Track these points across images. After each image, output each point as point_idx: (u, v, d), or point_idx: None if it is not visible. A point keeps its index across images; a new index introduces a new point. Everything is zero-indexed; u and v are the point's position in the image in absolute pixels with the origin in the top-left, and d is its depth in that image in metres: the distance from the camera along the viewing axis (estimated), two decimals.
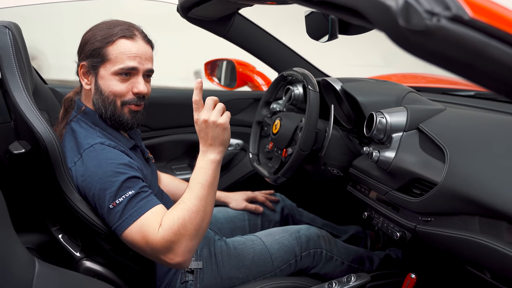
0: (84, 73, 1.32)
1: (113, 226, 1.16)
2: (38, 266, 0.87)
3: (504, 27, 0.54)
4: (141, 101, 1.33)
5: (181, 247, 1.13)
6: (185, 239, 1.13)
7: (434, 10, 0.53)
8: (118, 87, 1.28)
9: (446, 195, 1.08)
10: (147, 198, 1.18)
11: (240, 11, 1.76)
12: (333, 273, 1.53)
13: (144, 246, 1.13)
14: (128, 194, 1.16)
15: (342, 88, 1.53)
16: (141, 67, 1.29)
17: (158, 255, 1.13)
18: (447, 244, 1.12)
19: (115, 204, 1.15)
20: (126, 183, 1.17)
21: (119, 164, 1.20)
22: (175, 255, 1.13)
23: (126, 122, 1.32)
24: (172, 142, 2.14)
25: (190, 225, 1.14)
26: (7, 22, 1.26)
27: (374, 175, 1.36)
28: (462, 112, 1.36)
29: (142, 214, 1.14)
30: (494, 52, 0.54)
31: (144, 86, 1.31)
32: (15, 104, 1.19)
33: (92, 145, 1.23)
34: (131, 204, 1.15)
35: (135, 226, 1.14)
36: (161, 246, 1.12)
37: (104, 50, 1.27)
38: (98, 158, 1.20)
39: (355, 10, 0.62)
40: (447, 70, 0.58)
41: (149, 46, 1.34)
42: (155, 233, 1.12)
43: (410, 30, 0.54)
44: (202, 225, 1.17)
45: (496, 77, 0.56)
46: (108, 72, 1.28)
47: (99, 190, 1.17)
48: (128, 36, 1.28)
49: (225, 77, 2.45)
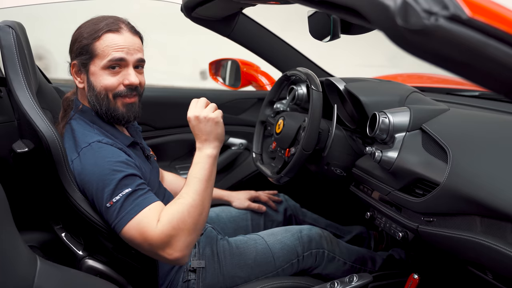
0: (76, 72, 1.33)
1: (112, 224, 1.17)
2: (39, 264, 0.88)
3: (503, 27, 0.54)
4: (133, 92, 1.32)
5: (179, 242, 1.14)
6: (184, 233, 1.14)
7: (432, 9, 0.53)
8: (108, 81, 1.28)
9: (448, 196, 1.08)
10: (144, 196, 1.18)
11: (244, 11, 1.77)
12: (335, 273, 1.53)
13: (142, 243, 1.14)
14: (125, 192, 1.16)
15: (345, 88, 1.53)
16: (129, 58, 1.29)
17: (157, 250, 1.14)
18: (449, 245, 1.12)
19: (112, 202, 1.16)
20: (123, 181, 1.17)
21: (116, 162, 1.20)
22: (174, 250, 1.13)
23: (121, 115, 1.32)
24: (176, 141, 2.15)
25: (189, 219, 1.16)
26: (11, 22, 1.26)
27: (377, 175, 1.36)
28: (466, 113, 1.36)
29: (139, 211, 1.15)
30: (493, 52, 0.54)
31: (135, 77, 1.30)
32: (18, 103, 1.19)
33: (89, 143, 1.23)
34: (128, 202, 1.16)
35: (132, 224, 1.14)
36: (160, 241, 1.12)
37: (91, 46, 1.27)
38: (95, 156, 1.21)
39: (355, 10, 0.61)
40: (445, 69, 0.58)
41: (136, 37, 1.33)
42: (153, 229, 1.13)
43: (408, 29, 0.54)
44: (200, 220, 1.19)
45: (495, 77, 0.56)
46: (97, 68, 1.28)
47: (97, 189, 1.18)
48: (113, 29, 1.28)
49: (229, 76, 2.45)
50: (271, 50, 1.96)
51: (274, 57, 1.99)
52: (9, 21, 1.27)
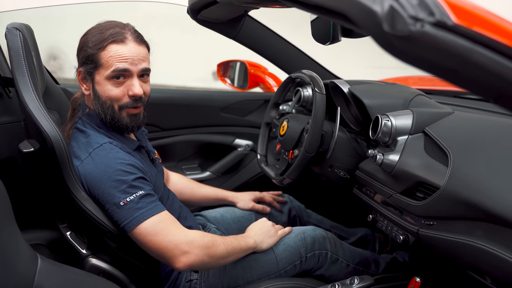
0: (82, 79, 1.34)
1: (122, 223, 1.19)
2: (40, 262, 0.89)
3: (490, 34, 0.54)
4: (138, 103, 1.33)
5: (192, 255, 1.22)
6: (201, 252, 1.23)
7: (419, 15, 0.53)
8: (113, 92, 1.29)
9: (448, 199, 1.07)
10: (157, 201, 1.24)
11: (254, 13, 1.77)
12: (338, 275, 1.53)
13: (158, 239, 1.19)
14: (139, 194, 1.20)
15: (349, 91, 1.53)
16: (133, 68, 1.28)
17: (167, 253, 1.20)
18: (449, 249, 1.11)
19: (125, 201, 1.19)
20: (136, 182, 1.21)
21: (128, 165, 1.23)
22: (186, 257, 1.21)
23: (125, 125, 1.33)
24: (183, 142, 2.16)
25: (214, 249, 1.26)
26: (19, 24, 1.29)
27: (379, 178, 1.36)
28: (470, 116, 1.35)
29: (156, 212, 1.21)
30: (479, 59, 0.54)
31: (139, 88, 1.30)
32: (24, 103, 1.22)
33: (101, 144, 1.26)
34: (143, 203, 1.20)
35: (149, 222, 1.19)
36: (179, 245, 1.20)
37: (96, 56, 1.27)
38: (107, 157, 1.24)
39: (344, 15, 0.62)
40: (434, 75, 0.58)
41: (142, 46, 1.32)
42: (179, 229, 1.24)
43: (394, 35, 0.54)
44: (220, 260, 1.30)
45: (482, 83, 0.56)
46: (102, 78, 1.28)
47: (109, 188, 1.20)
48: (118, 40, 1.27)
49: (238, 78, 2.46)
50: (277, 52, 1.97)
51: (280, 59, 1.99)
52: (17, 23, 1.29)
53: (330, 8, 0.65)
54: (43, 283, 0.86)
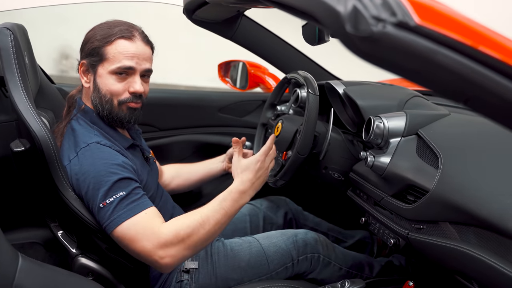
0: (84, 71, 1.35)
1: (103, 225, 1.19)
2: (21, 261, 0.89)
3: (455, 35, 0.53)
4: (138, 100, 1.35)
5: (173, 251, 1.16)
6: (183, 245, 1.17)
7: (381, 16, 0.52)
8: (114, 86, 1.31)
9: (437, 203, 1.06)
10: (138, 201, 1.20)
11: (254, 13, 1.76)
12: (330, 278, 1.51)
13: (134, 244, 1.16)
14: (119, 195, 1.18)
15: (344, 92, 1.51)
16: (138, 67, 1.31)
17: (149, 252, 1.15)
18: (437, 253, 1.10)
19: (105, 203, 1.18)
20: (118, 183, 1.20)
21: (113, 164, 1.22)
22: (167, 254, 1.15)
23: (123, 118, 1.34)
24: (180, 142, 2.16)
25: (194, 237, 1.19)
26: (10, 24, 1.30)
27: (371, 180, 1.34)
28: (466, 118, 1.32)
29: (132, 215, 1.17)
30: (443, 60, 0.52)
31: (141, 85, 1.32)
32: (14, 103, 1.22)
33: (88, 144, 1.26)
34: (121, 205, 1.18)
35: (125, 226, 1.16)
36: (157, 244, 1.15)
37: (102, 49, 1.30)
38: (93, 157, 1.23)
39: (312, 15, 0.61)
40: (399, 76, 0.56)
41: (148, 47, 1.35)
42: (153, 232, 1.16)
43: (357, 36, 0.53)
44: (202, 242, 1.21)
45: (449, 85, 0.55)
46: (106, 71, 1.30)
47: (92, 189, 1.20)
48: (127, 36, 1.30)
49: (239, 78, 2.45)
50: (275, 53, 1.95)
51: (277, 60, 1.97)
52: (8, 23, 1.30)
53: (299, 8, 0.64)
54: (22, 282, 0.86)
